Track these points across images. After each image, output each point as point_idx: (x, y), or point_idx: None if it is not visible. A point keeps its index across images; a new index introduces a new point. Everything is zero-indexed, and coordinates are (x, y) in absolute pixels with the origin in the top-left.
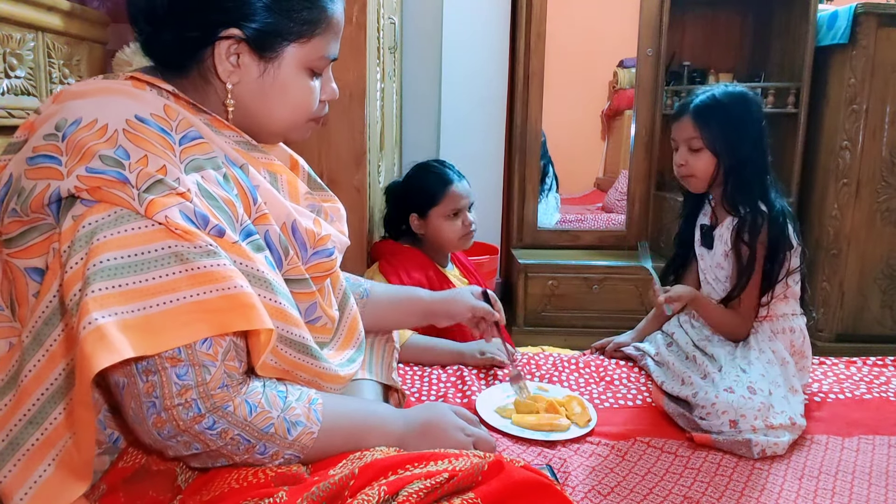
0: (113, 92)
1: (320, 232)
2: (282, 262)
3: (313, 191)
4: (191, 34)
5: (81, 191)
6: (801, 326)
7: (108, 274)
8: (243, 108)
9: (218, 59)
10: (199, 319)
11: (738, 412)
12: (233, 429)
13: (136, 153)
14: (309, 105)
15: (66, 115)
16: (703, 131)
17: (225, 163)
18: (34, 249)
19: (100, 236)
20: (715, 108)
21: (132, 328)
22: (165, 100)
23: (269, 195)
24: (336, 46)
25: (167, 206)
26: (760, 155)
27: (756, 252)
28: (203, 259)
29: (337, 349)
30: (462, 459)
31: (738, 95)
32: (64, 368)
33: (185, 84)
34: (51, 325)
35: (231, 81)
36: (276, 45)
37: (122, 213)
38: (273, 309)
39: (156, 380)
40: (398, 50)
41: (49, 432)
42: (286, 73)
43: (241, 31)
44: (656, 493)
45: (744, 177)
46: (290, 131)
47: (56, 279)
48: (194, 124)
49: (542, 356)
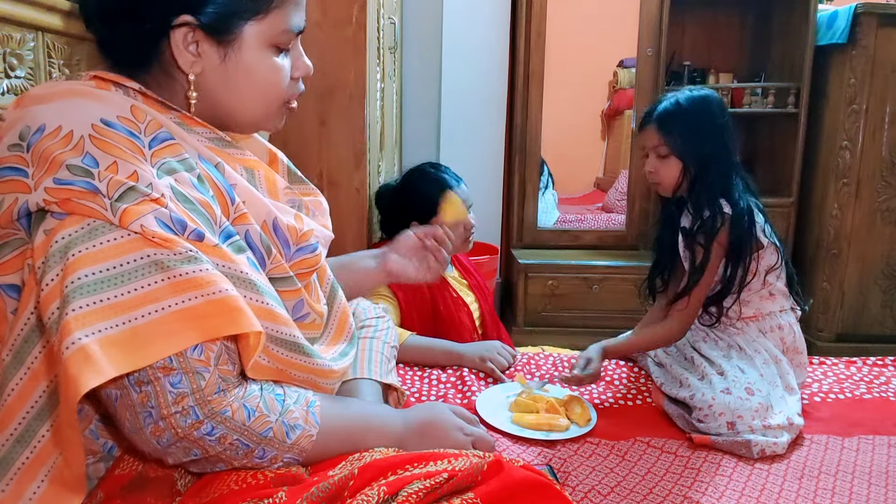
0: (76, 94)
1: (302, 228)
2: (265, 261)
3: (293, 184)
4: (144, 27)
5: (51, 203)
6: (790, 323)
7: (88, 290)
8: (211, 99)
9: (176, 50)
10: (186, 328)
11: (735, 413)
12: (231, 434)
13: (105, 160)
14: (278, 84)
15: (29, 123)
16: (667, 138)
17: (198, 163)
18: (8, 266)
19: (74, 251)
20: (677, 115)
21: (118, 344)
22: (132, 100)
23: (247, 193)
24: (300, 17)
25: (142, 213)
26: (725, 155)
27: (710, 253)
28: (184, 265)
29: (328, 344)
30: (462, 459)
31: (699, 99)
32: (47, 386)
33: (149, 80)
34: (31, 342)
35: (193, 72)
36: (232, 27)
37: (96, 224)
38: (260, 310)
39: (150, 390)
40: (398, 50)
41: (38, 450)
42: (249, 54)
43: (193, 17)
44: (656, 493)
45: (708, 178)
46: (264, 119)
47: (33, 295)
48: (164, 124)
49: (542, 356)
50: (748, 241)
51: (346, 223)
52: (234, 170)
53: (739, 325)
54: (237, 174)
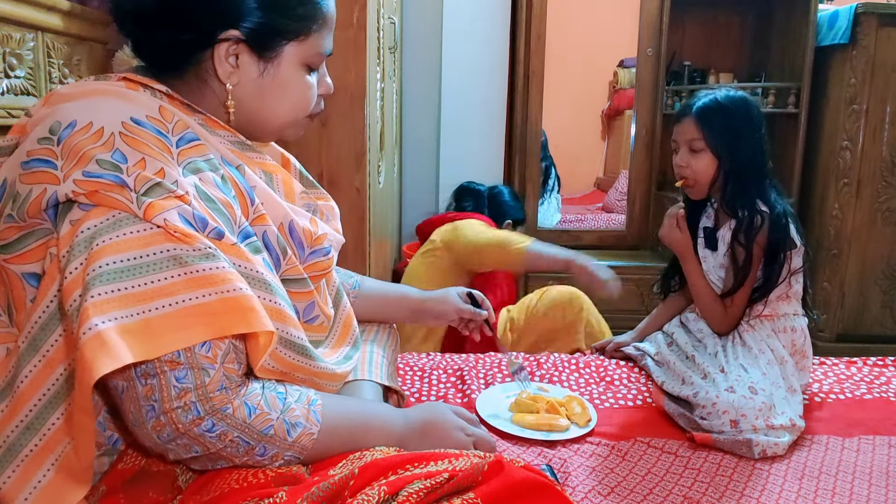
0: (106, 93)
1: (317, 231)
2: (280, 262)
3: (307, 189)
4: (185, 36)
5: (79, 195)
6: (802, 326)
7: (108, 278)
8: (242, 109)
9: (218, 61)
10: (198, 323)
11: (739, 412)
12: (232, 431)
13: (134, 156)
14: (308, 101)
15: (59, 118)
16: (705, 132)
17: (221, 164)
18: (31, 255)
19: (99, 241)
20: (718, 111)
21: (132, 333)
22: (160, 101)
23: (266, 195)
24: (330, 41)
25: (166, 209)
26: (760, 158)
27: (753, 254)
28: (202, 262)
29: (332, 347)
30: (462, 459)
31: (740, 99)
32: (61, 374)
33: (180, 84)
34: (48, 330)
35: (231, 82)
36: (275, 45)
37: (121, 216)
38: (273, 310)
39: (154, 383)
40: (398, 50)
41: (47, 438)
42: (286, 71)
43: (239, 33)
44: (656, 493)
45: (742, 180)
46: (288, 128)
47: (53, 284)
48: (190, 126)
49: (543, 356)
50: (785, 242)
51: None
52: (255, 173)
53: (753, 322)
54: (257, 177)
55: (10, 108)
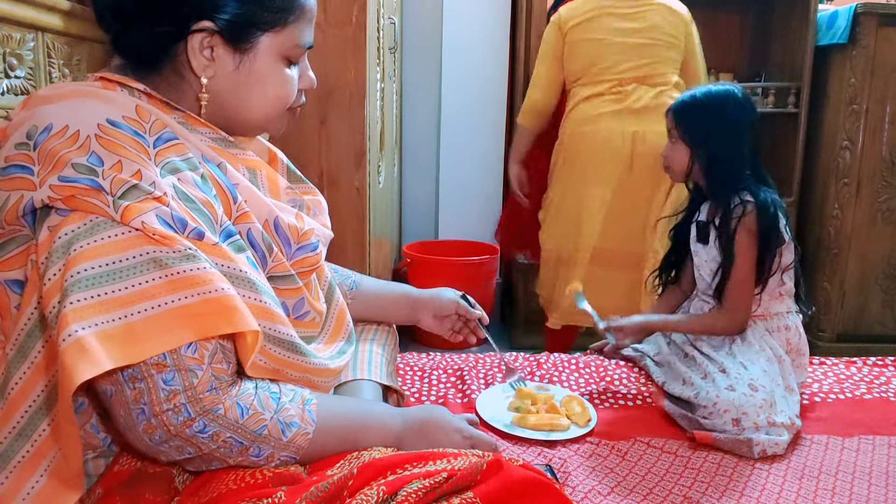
0: (82, 95)
1: (303, 227)
2: (266, 260)
3: (293, 184)
4: (162, 29)
5: (55, 200)
6: (796, 324)
7: (87, 284)
8: (219, 103)
9: (192, 54)
10: (181, 325)
11: (740, 410)
12: (224, 431)
13: (110, 159)
14: (287, 95)
15: (36, 122)
16: (678, 124)
17: (202, 162)
18: (13, 261)
19: (76, 246)
20: (691, 105)
21: (113, 338)
22: (137, 100)
23: (249, 193)
24: (310, 34)
25: (143, 211)
26: (736, 150)
27: (741, 240)
28: (182, 263)
29: (326, 342)
30: (461, 459)
31: (717, 94)
32: (49, 381)
33: (158, 81)
34: (34, 337)
35: (206, 75)
36: (250, 36)
37: (98, 221)
38: (258, 309)
39: (143, 386)
40: (398, 50)
41: (39, 444)
42: (262, 63)
43: (213, 24)
44: (656, 493)
45: (720, 170)
46: (268, 123)
47: (36, 291)
48: (168, 124)
49: (543, 356)
50: (776, 232)
51: (346, 223)
52: (237, 170)
53: (749, 322)
54: (239, 174)
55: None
